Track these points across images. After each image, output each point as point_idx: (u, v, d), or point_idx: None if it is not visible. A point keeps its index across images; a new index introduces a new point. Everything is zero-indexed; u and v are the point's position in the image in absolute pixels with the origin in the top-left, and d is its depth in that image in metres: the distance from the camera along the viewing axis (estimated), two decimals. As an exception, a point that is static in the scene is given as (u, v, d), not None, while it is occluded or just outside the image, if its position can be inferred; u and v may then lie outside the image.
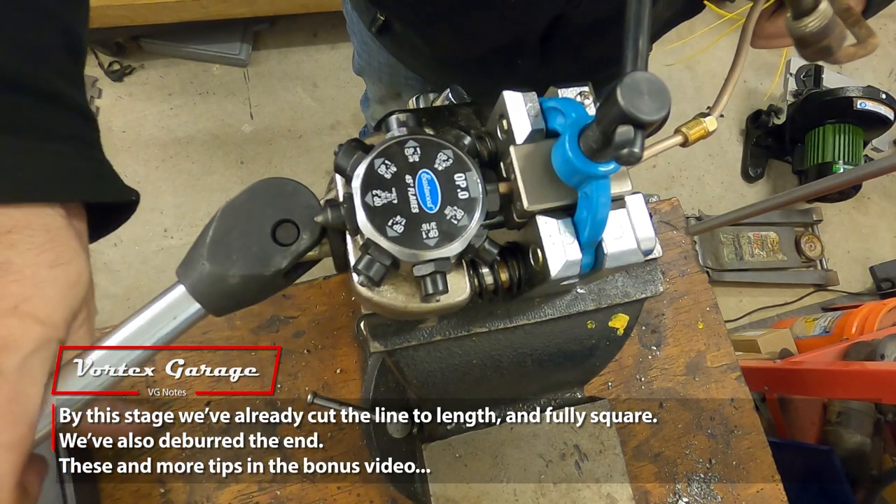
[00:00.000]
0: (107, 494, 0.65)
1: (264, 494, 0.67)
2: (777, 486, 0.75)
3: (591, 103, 0.38)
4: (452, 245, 0.33)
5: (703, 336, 0.80)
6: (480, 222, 0.34)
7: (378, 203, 0.33)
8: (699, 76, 2.20)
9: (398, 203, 0.33)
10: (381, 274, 0.32)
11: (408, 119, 0.35)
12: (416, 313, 0.36)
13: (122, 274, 1.75)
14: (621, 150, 0.27)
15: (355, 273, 0.33)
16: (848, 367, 1.25)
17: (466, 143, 0.36)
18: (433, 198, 0.33)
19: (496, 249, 0.35)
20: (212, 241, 0.35)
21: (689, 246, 0.83)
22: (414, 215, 0.33)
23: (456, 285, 0.35)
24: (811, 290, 2.12)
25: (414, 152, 0.34)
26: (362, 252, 0.33)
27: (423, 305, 0.35)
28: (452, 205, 0.34)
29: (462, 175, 0.34)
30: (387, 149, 0.34)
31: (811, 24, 0.32)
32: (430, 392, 0.47)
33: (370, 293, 0.34)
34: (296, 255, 0.35)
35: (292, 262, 0.36)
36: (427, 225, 0.33)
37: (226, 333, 0.71)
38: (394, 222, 0.33)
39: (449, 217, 0.33)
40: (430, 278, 0.33)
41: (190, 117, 1.89)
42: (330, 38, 2.04)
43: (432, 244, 0.33)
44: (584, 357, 0.48)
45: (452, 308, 0.36)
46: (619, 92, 0.26)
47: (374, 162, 0.33)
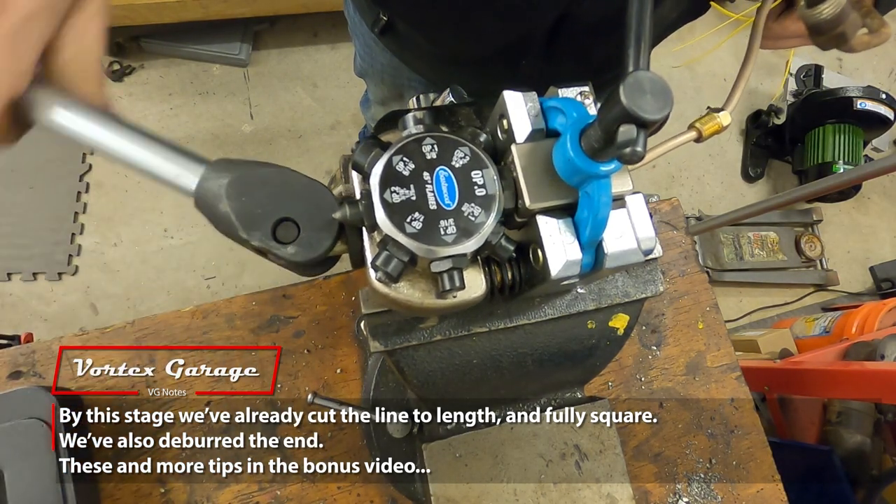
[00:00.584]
0: (107, 494, 0.65)
1: (264, 494, 0.67)
2: (777, 486, 0.75)
3: (591, 103, 0.38)
4: (470, 241, 0.33)
5: (703, 336, 0.80)
6: (497, 219, 0.34)
7: (396, 199, 0.33)
8: (699, 76, 2.20)
9: (416, 200, 0.33)
10: (398, 270, 0.33)
11: (424, 116, 0.36)
12: (432, 310, 0.36)
13: (122, 274, 1.75)
14: (624, 149, 0.27)
15: (373, 269, 0.33)
16: (848, 367, 1.25)
17: (482, 140, 0.36)
18: (451, 194, 0.34)
19: (513, 246, 0.35)
20: (238, 180, 0.35)
21: (689, 246, 0.83)
22: (432, 212, 0.33)
23: (472, 282, 0.36)
24: (811, 290, 2.12)
25: (431, 149, 0.34)
26: (380, 248, 0.33)
27: (439, 302, 0.35)
28: (470, 202, 0.34)
29: (479, 172, 0.34)
30: (405, 146, 0.34)
31: (826, 11, 0.32)
32: (430, 392, 0.47)
33: (387, 289, 0.35)
34: (283, 257, 0.35)
35: (272, 255, 0.35)
36: (445, 221, 0.33)
37: (226, 333, 0.71)
38: (412, 219, 0.33)
39: (466, 214, 0.34)
40: (447, 274, 0.33)
41: (190, 117, 1.89)
42: (330, 38, 2.04)
43: (450, 240, 0.33)
44: (584, 357, 0.48)
45: (468, 304, 0.36)
46: (621, 90, 0.26)
47: (392, 159, 0.34)
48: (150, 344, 0.70)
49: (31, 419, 0.58)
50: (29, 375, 0.67)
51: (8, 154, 1.76)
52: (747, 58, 0.45)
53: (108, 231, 1.78)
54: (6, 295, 1.69)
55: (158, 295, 1.75)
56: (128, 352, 0.69)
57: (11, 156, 1.76)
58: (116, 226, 1.78)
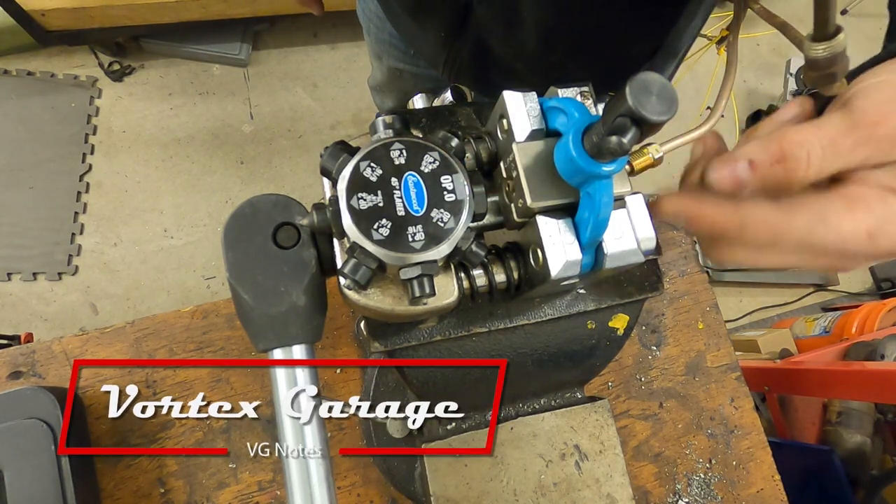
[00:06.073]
0: (107, 494, 0.65)
1: (264, 494, 0.67)
2: (777, 486, 0.75)
3: (591, 103, 0.38)
4: (439, 248, 0.33)
5: (703, 336, 0.80)
6: (467, 224, 0.33)
7: (364, 206, 0.32)
8: (699, 76, 2.20)
9: (384, 206, 0.33)
10: (367, 277, 0.32)
11: (394, 121, 0.35)
12: (404, 316, 0.36)
13: (122, 274, 1.75)
14: (611, 135, 0.27)
15: (341, 276, 0.33)
16: (848, 367, 1.25)
17: (454, 144, 0.35)
18: (419, 200, 0.33)
19: (483, 251, 0.34)
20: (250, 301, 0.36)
21: (689, 246, 0.83)
22: (400, 218, 0.33)
23: (444, 288, 0.35)
24: (811, 290, 2.12)
25: (400, 154, 0.34)
26: (348, 255, 0.32)
27: (410, 308, 0.35)
28: (439, 207, 0.33)
29: (449, 177, 0.34)
30: (372, 151, 0.33)
31: (822, 52, 0.33)
32: (430, 392, 0.47)
33: (357, 296, 0.34)
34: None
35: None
36: (413, 228, 0.33)
37: (226, 333, 0.71)
38: (379, 225, 0.32)
39: (435, 220, 0.33)
40: (416, 281, 0.32)
41: (190, 117, 1.89)
42: (330, 38, 2.04)
43: (418, 247, 0.32)
44: (584, 357, 0.48)
45: (440, 311, 0.36)
46: (628, 88, 0.26)
47: (359, 164, 0.33)
48: (149, 343, 0.70)
49: (31, 419, 0.58)
50: (29, 375, 0.67)
51: (8, 154, 1.76)
52: (726, 79, 0.45)
53: (108, 231, 1.78)
54: (6, 295, 1.69)
55: (158, 295, 1.75)
56: (128, 352, 0.69)
57: (11, 156, 1.76)
58: (116, 226, 1.78)
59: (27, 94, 1.82)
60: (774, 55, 2.33)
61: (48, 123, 1.81)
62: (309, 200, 0.36)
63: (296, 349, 0.36)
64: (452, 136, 0.36)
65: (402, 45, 0.85)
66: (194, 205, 1.83)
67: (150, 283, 1.75)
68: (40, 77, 1.85)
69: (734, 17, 0.48)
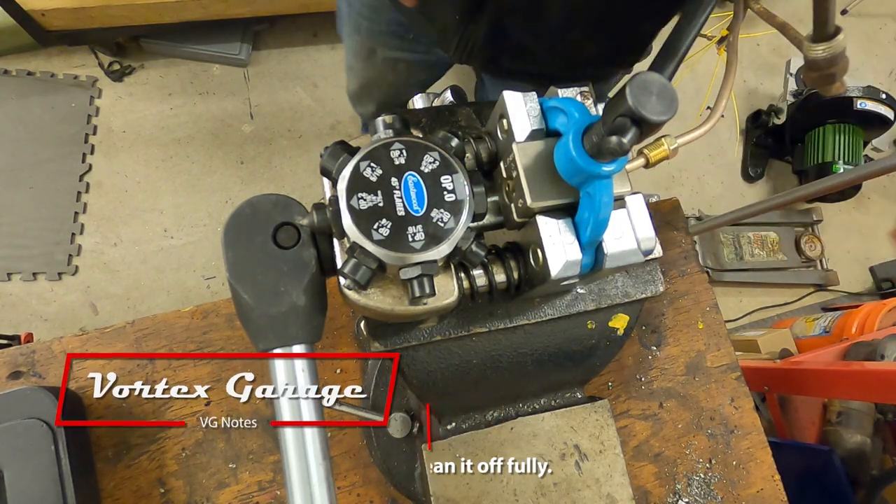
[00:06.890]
0: (107, 494, 0.65)
1: (264, 494, 0.67)
2: (777, 486, 0.75)
3: (591, 103, 0.38)
4: (439, 248, 0.33)
5: (703, 336, 0.80)
6: (467, 224, 0.33)
7: (364, 206, 0.32)
8: (699, 76, 2.20)
9: (384, 206, 0.33)
10: (367, 277, 0.32)
11: (394, 121, 0.35)
12: (404, 316, 0.36)
13: (122, 274, 1.75)
14: (611, 135, 0.27)
15: (341, 276, 0.33)
16: (848, 367, 1.25)
17: (454, 144, 0.35)
18: (419, 200, 0.33)
19: (484, 251, 0.34)
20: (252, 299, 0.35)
21: (689, 246, 0.83)
22: (400, 218, 0.33)
23: (444, 288, 0.35)
24: (811, 290, 2.12)
25: (400, 154, 0.34)
26: (348, 255, 0.32)
27: (410, 308, 0.35)
28: (439, 207, 0.33)
29: (449, 177, 0.34)
30: (372, 151, 0.33)
31: (821, 52, 0.33)
32: (430, 392, 0.47)
33: (357, 296, 0.34)
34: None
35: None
36: (413, 228, 0.33)
37: (226, 333, 0.71)
38: (379, 225, 0.32)
39: (435, 220, 0.33)
40: (416, 281, 0.32)
41: (190, 117, 1.89)
42: (330, 38, 2.04)
43: (418, 247, 0.32)
44: (584, 357, 0.48)
45: (440, 311, 0.36)
46: (628, 88, 0.26)
47: (359, 164, 0.33)
48: (150, 343, 0.70)
49: (31, 419, 0.58)
50: (29, 375, 0.67)
51: (8, 154, 1.76)
52: (726, 79, 0.45)
53: (108, 231, 1.78)
54: (6, 295, 1.69)
55: (158, 295, 1.75)
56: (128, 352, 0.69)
57: (11, 156, 1.76)
58: (116, 226, 1.78)
59: (27, 94, 1.82)
60: (774, 55, 2.33)
61: (48, 123, 1.81)
62: (309, 200, 0.36)
63: (296, 349, 0.36)
64: (452, 136, 0.36)
65: (400, 31, 0.83)
66: (194, 205, 1.82)
67: (150, 283, 1.75)
68: (40, 77, 1.85)
69: (734, 17, 0.48)
